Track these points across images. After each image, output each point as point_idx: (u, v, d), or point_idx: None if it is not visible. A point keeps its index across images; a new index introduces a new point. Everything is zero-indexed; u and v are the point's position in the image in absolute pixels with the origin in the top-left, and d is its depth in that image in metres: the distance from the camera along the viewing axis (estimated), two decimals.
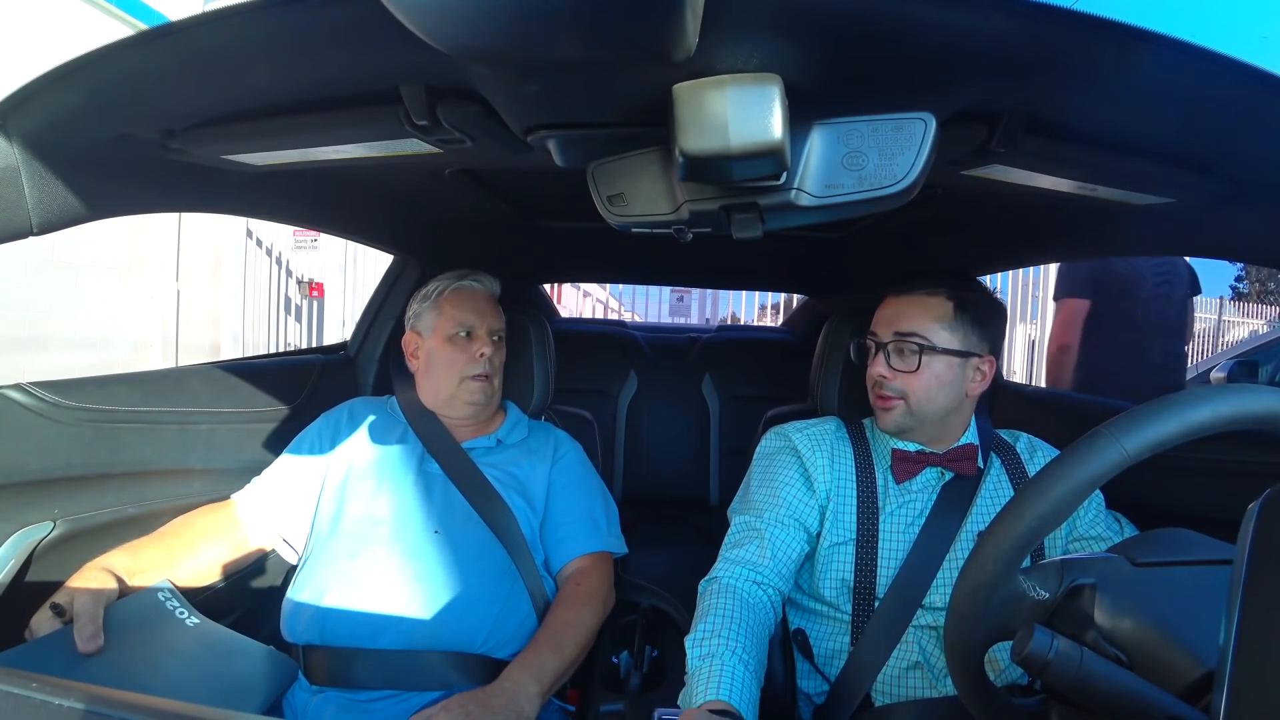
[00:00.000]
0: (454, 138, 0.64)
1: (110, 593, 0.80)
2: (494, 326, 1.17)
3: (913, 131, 0.51)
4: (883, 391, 0.94)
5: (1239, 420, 0.45)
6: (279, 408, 1.22)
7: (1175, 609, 0.50)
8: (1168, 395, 0.47)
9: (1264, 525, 0.36)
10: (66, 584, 0.80)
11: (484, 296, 1.19)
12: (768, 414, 1.33)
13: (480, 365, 1.12)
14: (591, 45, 0.43)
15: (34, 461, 0.87)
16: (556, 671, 0.91)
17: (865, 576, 0.92)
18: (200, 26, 0.49)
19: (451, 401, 1.14)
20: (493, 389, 1.15)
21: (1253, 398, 0.45)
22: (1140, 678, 0.47)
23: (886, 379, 0.93)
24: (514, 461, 1.14)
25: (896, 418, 0.94)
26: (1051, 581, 0.54)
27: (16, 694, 0.37)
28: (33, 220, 0.66)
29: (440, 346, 1.14)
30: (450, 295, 1.17)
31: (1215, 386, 0.47)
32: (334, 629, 0.94)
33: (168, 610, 0.83)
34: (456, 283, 1.19)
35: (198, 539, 0.99)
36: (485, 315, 1.16)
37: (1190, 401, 0.46)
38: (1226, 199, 0.70)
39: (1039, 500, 0.48)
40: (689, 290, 7.17)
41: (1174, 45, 0.45)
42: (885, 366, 0.94)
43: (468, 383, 1.12)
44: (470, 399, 1.13)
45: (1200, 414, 0.45)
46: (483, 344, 1.13)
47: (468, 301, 1.16)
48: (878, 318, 0.97)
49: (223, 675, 0.83)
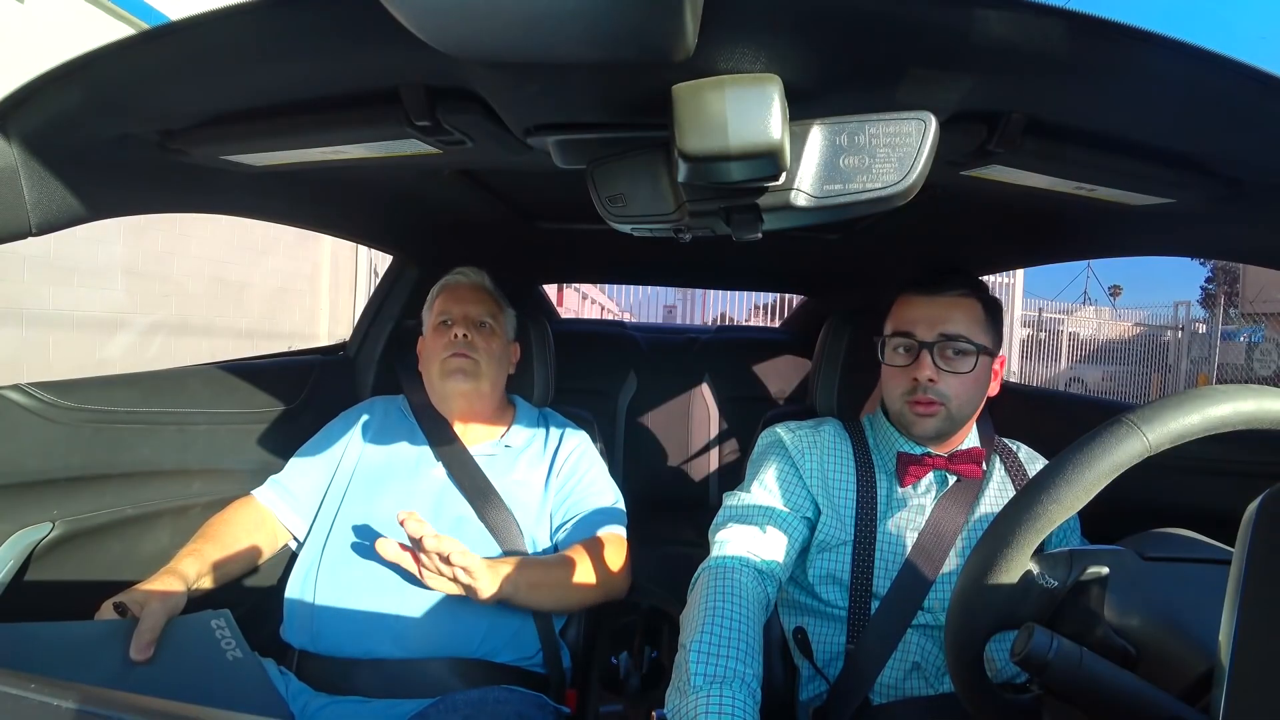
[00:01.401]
0: (453, 138, 0.64)
1: (178, 604, 0.81)
2: (471, 313, 1.15)
3: (912, 132, 0.51)
4: (926, 396, 0.90)
5: (1259, 419, 0.45)
6: (278, 408, 1.22)
7: (1184, 604, 0.50)
8: (1190, 390, 0.47)
9: (1263, 525, 0.36)
10: (138, 586, 0.82)
11: (465, 287, 1.19)
12: (767, 414, 1.33)
13: (456, 345, 1.11)
14: (591, 46, 0.43)
15: (33, 462, 0.87)
16: (530, 580, 0.94)
17: (862, 577, 0.92)
18: (200, 26, 0.49)
19: (441, 390, 1.13)
20: (476, 369, 1.11)
21: (1274, 398, 0.45)
22: (1141, 679, 0.47)
23: (934, 382, 0.90)
24: (523, 462, 1.14)
25: (938, 423, 0.91)
26: (1061, 570, 0.53)
27: (16, 694, 0.36)
28: (31, 221, 0.66)
29: (430, 340, 1.15)
30: (439, 293, 1.19)
31: (1237, 385, 0.47)
32: (329, 635, 0.94)
33: (215, 639, 0.83)
34: (443, 280, 1.20)
35: (244, 536, 1.01)
36: (463, 302, 1.16)
37: (1213, 396, 0.46)
38: (1226, 200, 0.70)
39: (1057, 484, 0.48)
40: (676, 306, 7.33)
41: (1173, 46, 0.45)
42: (933, 368, 0.89)
43: (447, 362, 1.11)
44: (449, 380, 1.11)
45: (1222, 410, 0.45)
46: (460, 327, 1.12)
47: (449, 294, 1.17)
48: (910, 318, 0.93)
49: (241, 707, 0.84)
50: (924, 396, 0.90)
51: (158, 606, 0.78)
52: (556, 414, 1.28)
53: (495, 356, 1.15)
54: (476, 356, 1.11)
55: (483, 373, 1.12)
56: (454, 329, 1.12)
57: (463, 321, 1.13)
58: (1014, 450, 1.02)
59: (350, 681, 0.91)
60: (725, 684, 0.70)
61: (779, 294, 6.25)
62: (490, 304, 1.18)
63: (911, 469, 0.93)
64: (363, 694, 0.90)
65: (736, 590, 0.81)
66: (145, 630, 0.75)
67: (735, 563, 0.85)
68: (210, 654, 0.82)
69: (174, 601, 0.81)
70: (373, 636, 0.92)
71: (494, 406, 1.18)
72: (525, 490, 1.10)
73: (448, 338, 1.12)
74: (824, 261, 1.69)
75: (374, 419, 1.17)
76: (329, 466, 1.11)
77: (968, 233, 1.18)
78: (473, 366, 1.11)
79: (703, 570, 0.86)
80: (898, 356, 0.94)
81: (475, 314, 1.15)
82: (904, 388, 0.92)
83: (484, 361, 1.12)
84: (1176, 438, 0.46)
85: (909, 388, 0.91)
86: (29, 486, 0.87)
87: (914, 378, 0.90)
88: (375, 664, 0.91)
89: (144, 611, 0.77)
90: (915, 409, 0.91)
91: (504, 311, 1.21)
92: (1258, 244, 0.82)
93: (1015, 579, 0.52)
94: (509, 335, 1.22)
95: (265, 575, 1.16)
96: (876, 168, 0.52)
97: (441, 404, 1.15)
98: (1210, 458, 0.93)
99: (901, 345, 0.93)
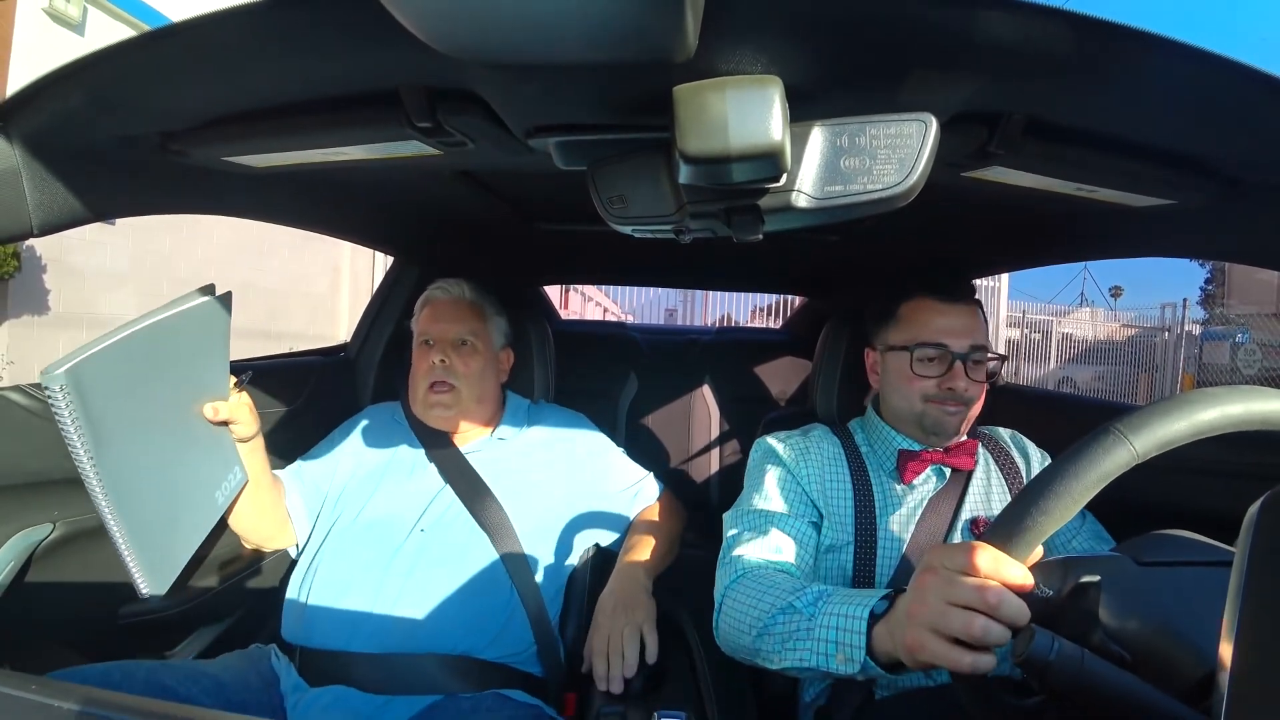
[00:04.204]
0: (454, 139, 0.64)
1: (256, 432, 0.95)
2: (451, 334, 1.14)
3: (913, 133, 0.51)
4: (956, 402, 0.93)
5: (1247, 421, 0.45)
6: (278, 409, 1.22)
7: (1181, 608, 0.50)
8: (1177, 394, 0.47)
9: (1264, 527, 0.36)
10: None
11: (446, 303, 1.17)
12: (767, 416, 1.33)
13: (435, 373, 1.10)
14: (592, 48, 0.43)
15: (33, 463, 0.87)
16: (657, 558, 1.07)
17: (865, 576, 0.92)
18: (201, 27, 0.49)
19: (423, 413, 1.13)
20: (457, 398, 1.11)
21: (1261, 399, 0.45)
22: (1142, 680, 0.47)
23: (966, 391, 0.92)
24: (517, 456, 1.14)
25: (959, 422, 0.95)
26: (1055, 579, 0.53)
27: (16, 694, 0.36)
28: (33, 221, 0.66)
29: (415, 357, 1.15)
30: (420, 307, 1.18)
31: (1224, 387, 0.46)
32: (323, 630, 0.94)
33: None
34: (425, 294, 1.19)
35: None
36: (442, 321, 1.14)
37: (1200, 401, 0.46)
38: (1227, 201, 0.70)
39: (1045, 496, 0.48)
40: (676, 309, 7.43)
41: (1174, 47, 0.45)
42: (966, 380, 0.92)
43: (428, 394, 1.11)
44: (431, 410, 1.11)
45: (1209, 414, 0.45)
46: (439, 351, 1.11)
47: (429, 311, 1.16)
48: (939, 327, 0.94)
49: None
50: (953, 403, 0.93)
51: (250, 411, 0.92)
52: (547, 404, 1.30)
53: (476, 376, 1.13)
54: (456, 383, 1.11)
55: (463, 400, 1.12)
56: (432, 354, 1.11)
57: (440, 345, 1.12)
58: (992, 436, 1.05)
59: (342, 674, 0.91)
60: (833, 595, 0.70)
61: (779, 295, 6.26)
62: (471, 319, 1.16)
63: (911, 465, 0.95)
64: (356, 688, 0.90)
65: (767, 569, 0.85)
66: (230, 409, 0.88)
67: (761, 564, 0.86)
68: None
69: (256, 426, 0.93)
70: (362, 630, 0.93)
71: (484, 414, 1.17)
72: (522, 479, 1.11)
73: (429, 362, 1.11)
74: (824, 263, 1.68)
75: (372, 426, 1.18)
76: (330, 472, 1.11)
77: (968, 234, 1.18)
78: (452, 399, 1.11)
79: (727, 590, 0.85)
80: (926, 366, 0.95)
81: (454, 333, 1.14)
82: (927, 392, 0.94)
83: (464, 387, 1.11)
84: (1164, 444, 0.46)
85: (933, 392, 0.93)
86: (30, 487, 0.87)
87: (948, 387, 0.92)
88: (366, 657, 0.92)
89: (241, 398, 0.90)
90: (945, 408, 0.93)
91: (489, 321, 1.19)
92: (1258, 245, 0.82)
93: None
94: (496, 345, 1.20)
95: (266, 577, 1.17)
96: (877, 169, 0.52)
97: (422, 416, 1.15)
98: (1211, 459, 0.92)
99: (931, 355, 0.94)
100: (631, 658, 0.91)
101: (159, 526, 0.77)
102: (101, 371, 0.68)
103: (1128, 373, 10.44)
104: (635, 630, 0.92)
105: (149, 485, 0.75)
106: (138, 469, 0.73)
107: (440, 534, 1.02)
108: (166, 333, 0.77)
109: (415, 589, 0.96)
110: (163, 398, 0.78)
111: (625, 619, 0.94)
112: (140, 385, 0.74)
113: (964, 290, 0.97)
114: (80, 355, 0.66)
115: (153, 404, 0.76)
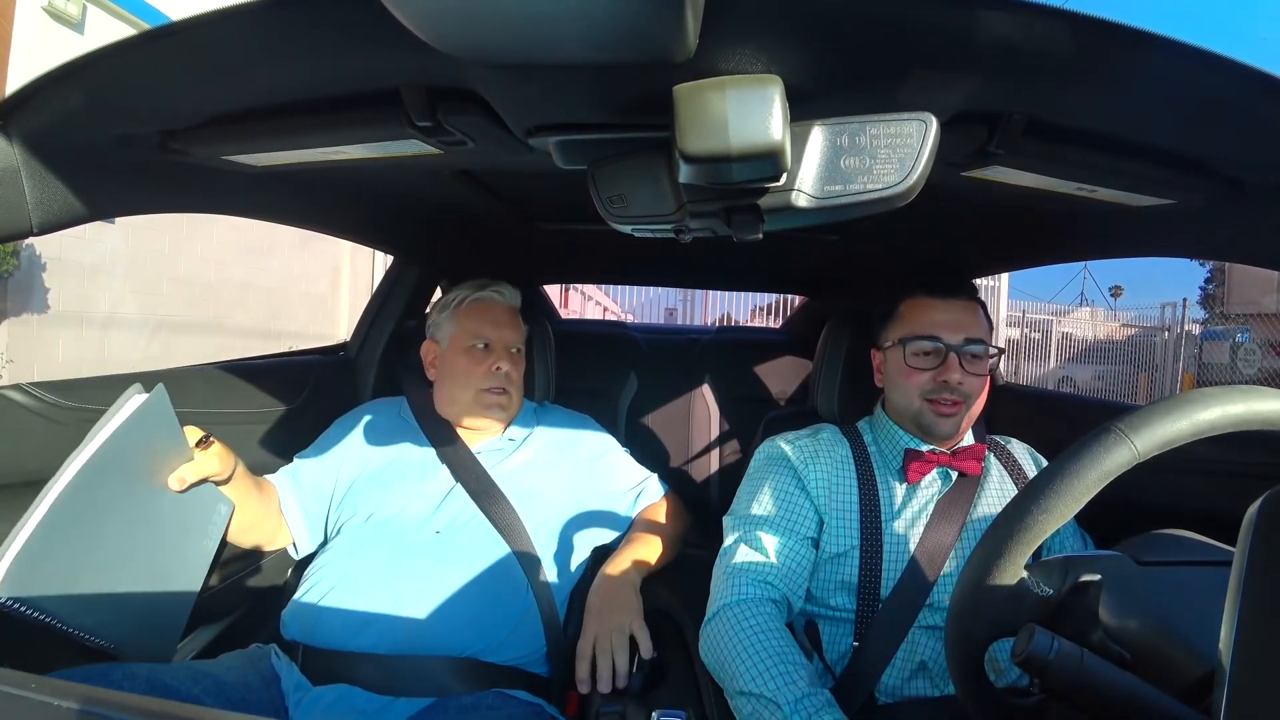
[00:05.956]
0: (454, 139, 0.64)
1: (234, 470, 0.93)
2: (511, 340, 1.16)
3: (913, 133, 0.51)
4: (952, 396, 0.93)
5: (1248, 420, 0.45)
6: (278, 408, 1.21)
7: (1180, 608, 0.50)
8: (1177, 394, 0.47)
9: (1264, 527, 0.36)
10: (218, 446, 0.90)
11: (503, 309, 1.18)
12: (768, 416, 1.33)
13: (497, 379, 1.11)
14: (592, 47, 0.43)
15: (34, 462, 0.87)
16: (651, 555, 1.06)
17: (870, 578, 0.92)
18: (200, 27, 0.49)
19: (469, 413, 1.13)
20: (510, 402, 1.14)
21: (1261, 398, 0.45)
22: (1142, 680, 0.47)
23: (961, 384, 0.93)
24: (525, 456, 1.14)
25: (957, 422, 0.95)
26: (1055, 578, 0.53)
27: (16, 694, 0.36)
28: (33, 220, 0.66)
29: (456, 358, 1.13)
30: (469, 307, 1.16)
31: (1225, 387, 0.46)
32: (330, 629, 0.94)
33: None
34: (475, 294, 1.18)
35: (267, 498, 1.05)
36: (502, 328, 1.15)
37: (1200, 400, 0.46)
38: (1227, 201, 0.70)
39: (1046, 495, 0.48)
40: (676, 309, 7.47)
41: (1175, 47, 0.45)
42: (961, 371, 0.93)
43: (484, 395, 1.11)
44: (487, 413, 1.12)
45: (1210, 413, 0.45)
46: (499, 358, 1.12)
47: (485, 314, 1.16)
48: (933, 321, 0.95)
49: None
50: (949, 397, 0.93)
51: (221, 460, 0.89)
52: (552, 405, 1.30)
53: (520, 383, 1.17)
54: (511, 389, 1.14)
55: (513, 404, 1.15)
56: (493, 359, 1.12)
57: (503, 352, 1.14)
58: (1006, 446, 1.04)
59: (346, 673, 0.91)
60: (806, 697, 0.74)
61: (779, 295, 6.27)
62: (519, 326, 1.19)
63: (916, 465, 0.95)
64: (359, 687, 0.90)
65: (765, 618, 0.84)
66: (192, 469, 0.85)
67: (753, 596, 0.87)
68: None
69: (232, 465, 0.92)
70: (371, 630, 0.92)
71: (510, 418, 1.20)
72: (529, 478, 1.11)
73: (486, 366, 1.12)
74: (824, 262, 1.68)
75: (376, 422, 1.17)
76: (332, 471, 1.10)
77: (968, 234, 1.18)
78: (509, 401, 1.14)
79: (721, 609, 0.87)
80: (921, 360, 0.95)
81: (512, 341, 1.16)
82: (924, 388, 0.94)
83: (514, 392, 1.15)
84: (1164, 444, 0.46)
85: (930, 388, 0.94)
86: (30, 486, 0.87)
87: (942, 380, 0.93)
88: (372, 657, 0.91)
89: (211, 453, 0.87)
90: (939, 409, 0.94)
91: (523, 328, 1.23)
92: (1259, 245, 0.82)
93: (1009, 590, 0.52)
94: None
95: (266, 577, 1.16)
96: (877, 169, 0.52)
97: (460, 418, 1.15)
98: (1211, 459, 0.92)
99: (926, 348, 0.95)
100: (621, 662, 0.90)
101: (156, 606, 0.82)
102: (41, 550, 0.70)
103: (1127, 372, 10.47)
104: (624, 632, 0.92)
105: (136, 578, 0.79)
106: (119, 577, 0.77)
107: (455, 535, 1.02)
108: (111, 453, 0.76)
109: (429, 590, 0.95)
110: (126, 505, 0.78)
111: (614, 620, 0.94)
112: (93, 515, 0.75)
113: (961, 286, 0.97)
114: (8, 549, 0.67)
115: (116, 516, 0.77)
